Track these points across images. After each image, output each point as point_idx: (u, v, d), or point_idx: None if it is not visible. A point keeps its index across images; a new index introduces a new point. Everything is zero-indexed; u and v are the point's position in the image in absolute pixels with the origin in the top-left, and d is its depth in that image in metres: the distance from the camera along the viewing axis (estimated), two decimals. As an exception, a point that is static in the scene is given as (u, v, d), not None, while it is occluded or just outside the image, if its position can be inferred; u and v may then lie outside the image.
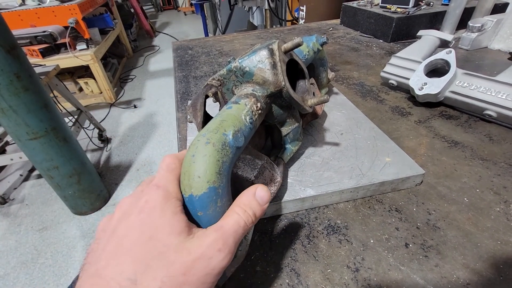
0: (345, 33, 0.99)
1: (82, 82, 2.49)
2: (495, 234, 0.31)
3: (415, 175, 0.35)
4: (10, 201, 1.60)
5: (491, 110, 0.45)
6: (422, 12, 0.84)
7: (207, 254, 0.18)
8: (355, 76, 0.67)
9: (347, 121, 0.46)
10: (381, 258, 0.29)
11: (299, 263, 0.29)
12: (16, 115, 1.03)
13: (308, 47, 0.41)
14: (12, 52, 0.96)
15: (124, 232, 0.18)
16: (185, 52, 0.90)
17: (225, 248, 0.18)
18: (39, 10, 2.08)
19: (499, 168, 0.39)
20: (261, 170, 0.30)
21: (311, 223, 0.33)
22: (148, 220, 0.18)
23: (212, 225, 0.20)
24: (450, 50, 0.50)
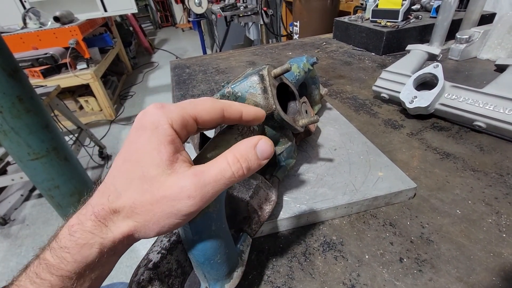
0: (338, 47, 1.02)
1: (82, 100, 2.53)
2: (488, 246, 0.31)
3: (407, 189, 0.36)
4: (10, 222, 1.59)
5: (480, 121, 0.46)
6: (411, 25, 0.87)
7: (175, 196, 0.18)
8: (348, 90, 0.69)
9: (341, 136, 0.47)
10: (376, 273, 0.30)
11: (296, 281, 0.30)
12: (18, 136, 1.05)
13: (298, 68, 0.43)
14: (14, 75, 0.99)
15: (125, 150, 0.19)
16: (183, 71, 0.92)
17: (196, 196, 0.18)
18: (40, 32, 2.14)
19: (490, 179, 0.39)
20: (256, 190, 0.31)
21: (307, 240, 0.34)
22: (137, 143, 0.19)
23: (196, 166, 0.19)
24: (437, 64, 0.52)
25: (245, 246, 0.29)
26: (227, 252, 0.24)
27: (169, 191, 0.18)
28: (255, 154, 0.20)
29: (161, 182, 0.18)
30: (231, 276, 0.26)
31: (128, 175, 0.18)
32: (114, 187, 0.18)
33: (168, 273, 0.24)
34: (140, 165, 0.18)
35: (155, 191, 0.18)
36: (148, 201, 0.18)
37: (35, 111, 1.07)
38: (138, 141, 0.19)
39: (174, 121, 0.19)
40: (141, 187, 0.18)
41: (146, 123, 0.19)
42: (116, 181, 0.19)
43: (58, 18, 2.16)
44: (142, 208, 0.18)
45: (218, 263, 0.24)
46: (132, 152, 0.19)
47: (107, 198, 0.18)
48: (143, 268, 0.24)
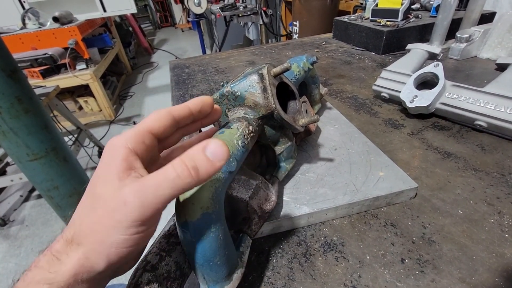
0: (337, 46, 1.01)
1: (82, 100, 2.53)
2: (490, 246, 0.31)
3: (408, 188, 0.36)
4: (10, 223, 1.59)
5: (481, 120, 0.46)
6: (411, 24, 0.86)
7: (113, 206, 0.16)
8: (348, 89, 0.69)
9: (341, 136, 0.47)
10: (378, 274, 0.29)
11: (296, 283, 0.29)
12: (16, 137, 1.04)
13: (298, 67, 0.43)
14: (13, 76, 0.98)
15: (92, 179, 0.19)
16: (182, 71, 0.92)
17: (133, 201, 0.16)
18: (39, 33, 2.13)
19: (492, 179, 0.39)
20: (255, 190, 0.31)
21: (307, 241, 0.34)
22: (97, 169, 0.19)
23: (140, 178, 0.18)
24: (437, 63, 0.51)
25: (245, 247, 0.29)
26: (227, 253, 0.24)
27: (109, 202, 0.17)
28: (203, 155, 0.18)
29: (105, 197, 0.17)
30: (230, 277, 0.25)
31: (83, 200, 0.18)
32: (73, 217, 0.18)
33: (167, 275, 0.24)
34: (92, 186, 0.18)
35: (98, 207, 0.17)
36: (92, 219, 0.17)
37: (34, 112, 1.06)
38: (98, 167, 0.19)
39: (128, 140, 0.19)
40: (89, 207, 0.18)
41: (105, 151, 0.19)
42: (76, 210, 0.18)
43: (57, 19, 2.15)
44: (87, 229, 0.17)
45: (218, 265, 0.23)
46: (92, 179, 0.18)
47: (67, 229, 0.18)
48: (141, 270, 0.23)
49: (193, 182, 0.17)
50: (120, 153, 0.18)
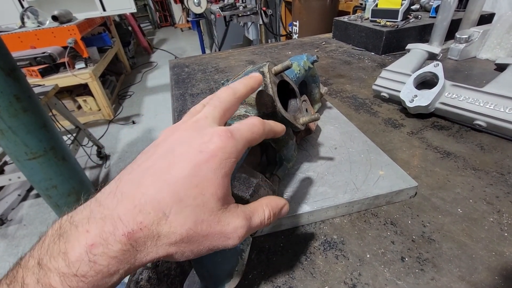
0: (337, 46, 1.02)
1: (80, 100, 2.52)
2: (490, 244, 0.31)
3: (408, 187, 0.36)
4: (7, 222, 1.58)
5: (481, 120, 0.46)
6: (411, 25, 0.87)
7: (229, 234, 0.18)
8: (348, 89, 0.69)
9: (341, 135, 0.47)
10: (378, 273, 0.29)
11: (296, 281, 0.29)
12: (15, 136, 1.04)
13: (299, 66, 0.43)
14: (11, 74, 0.98)
15: (178, 158, 0.18)
16: (182, 70, 0.92)
17: (242, 237, 0.19)
18: (38, 31, 2.13)
19: (491, 178, 0.39)
20: (256, 188, 0.31)
21: (307, 239, 0.34)
22: (203, 166, 0.17)
23: (242, 207, 0.20)
24: (437, 63, 0.51)
25: (245, 245, 0.29)
26: (227, 252, 0.24)
27: (225, 228, 0.18)
28: (280, 213, 0.23)
29: (218, 217, 0.18)
30: (231, 275, 0.25)
31: (182, 196, 0.17)
32: (158, 204, 0.16)
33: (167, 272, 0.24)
34: (201, 193, 0.17)
35: (213, 225, 0.18)
36: (202, 232, 0.17)
37: (33, 111, 1.06)
38: (204, 165, 0.17)
39: (239, 153, 0.19)
40: (197, 216, 0.17)
41: (217, 150, 0.18)
42: (162, 197, 0.16)
43: (56, 17, 2.15)
44: (193, 239, 0.17)
45: (218, 262, 0.23)
46: (190, 169, 0.17)
47: (149, 218, 0.16)
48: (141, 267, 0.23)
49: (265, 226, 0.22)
50: (231, 167, 0.19)
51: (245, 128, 0.20)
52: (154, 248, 0.16)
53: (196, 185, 0.17)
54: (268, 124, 0.22)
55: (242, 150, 0.19)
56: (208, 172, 0.17)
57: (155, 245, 0.16)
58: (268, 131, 0.22)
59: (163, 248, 0.16)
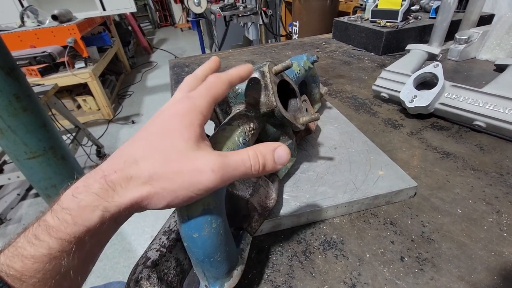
0: (337, 47, 1.02)
1: (80, 99, 2.52)
2: (489, 245, 0.31)
3: (408, 187, 0.36)
4: (7, 221, 1.58)
5: (480, 120, 0.46)
6: (410, 25, 0.87)
7: (200, 167, 0.19)
8: (348, 89, 0.69)
9: (341, 135, 0.47)
10: (377, 272, 0.29)
11: (296, 280, 0.29)
12: (14, 135, 1.04)
13: (299, 66, 0.43)
14: (11, 74, 0.98)
15: (150, 126, 0.21)
16: (182, 70, 0.92)
17: (218, 172, 0.19)
18: (38, 31, 2.12)
19: (490, 178, 0.39)
20: (256, 188, 0.31)
21: (307, 239, 0.34)
22: (168, 123, 0.20)
23: (218, 151, 0.21)
24: (437, 63, 0.51)
25: (245, 244, 0.29)
26: (227, 250, 0.24)
27: (195, 162, 0.19)
28: (272, 156, 0.21)
29: (188, 155, 0.19)
30: (230, 274, 0.25)
31: (152, 145, 0.19)
32: (131, 155, 0.19)
33: (167, 271, 0.24)
34: (168, 138, 0.20)
35: (182, 161, 0.19)
36: (171, 170, 0.19)
37: (32, 110, 1.06)
38: (169, 120, 0.21)
39: (201, 108, 0.21)
40: (166, 157, 0.19)
41: (179, 109, 0.21)
42: (135, 150, 0.20)
43: (56, 17, 2.14)
44: (163, 176, 0.19)
45: (218, 261, 0.23)
46: (160, 128, 0.20)
47: (122, 164, 0.19)
48: (141, 266, 0.23)
49: (256, 175, 0.21)
50: (198, 117, 0.21)
51: (201, 87, 0.23)
52: (128, 187, 0.18)
53: (165, 134, 0.20)
54: (225, 74, 0.24)
55: (206, 104, 0.21)
56: (174, 123, 0.20)
57: (128, 185, 0.18)
58: (229, 80, 0.24)
59: (136, 188, 0.18)
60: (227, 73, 0.24)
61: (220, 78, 0.23)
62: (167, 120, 0.21)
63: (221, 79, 0.23)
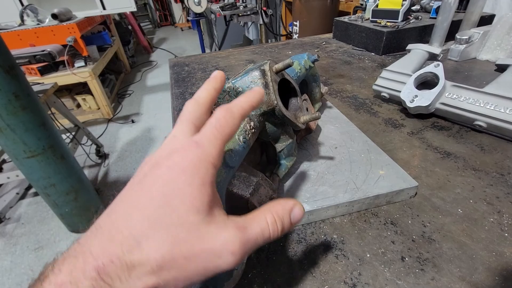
0: (337, 46, 1.02)
1: (80, 98, 2.51)
2: (490, 245, 0.31)
3: (408, 187, 0.36)
4: (6, 220, 1.58)
5: (481, 120, 0.46)
6: (411, 25, 0.87)
7: (218, 251, 0.16)
8: (348, 89, 0.69)
9: (341, 135, 0.47)
10: (378, 272, 0.29)
11: (296, 280, 0.29)
12: (14, 133, 1.03)
13: (300, 65, 0.42)
14: (11, 72, 0.97)
15: (149, 185, 0.16)
16: (182, 69, 0.91)
17: (239, 253, 0.16)
18: (38, 29, 2.12)
19: (491, 178, 0.39)
20: (256, 187, 0.31)
21: (307, 239, 0.33)
22: (172, 184, 0.16)
23: (235, 217, 0.17)
24: (438, 63, 0.51)
25: (245, 244, 0.29)
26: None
27: (211, 243, 0.15)
28: (289, 218, 0.19)
29: (200, 232, 0.15)
30: (230, 274, 0.25)
31: (154, 219, 0.15)
32: (129, 232, 0.15)
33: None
34: (175, 210, 0.15)
35: (194, 242, 0.15)
36: (182, 254, 0.15)
37: (32, 109, 1.05)
38: (173, 180, 0.16)
39: (213, 158, 0.17)
40: (174, 237, 0.15)
41: (185, 162, 0.16)
42: (133, 225, 0.15)
43: (56, 16, 2.14)
44: (174, 263, 0.15)
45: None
46: (161, 191, 0.16)
47: (120, 248, 0.14)
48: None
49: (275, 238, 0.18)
50: (210, 173, 0.17)
51: (210, 128, 0.18)
52: (130, 281, 0.14)
53: (169, 203, 0.15)
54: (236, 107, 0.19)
55: (217, 151, 0.17)
56: (182, 186, 0.16)
57: (130, 277, 0.14)
58: (241, 114, 0.19)
59: (140, 280, 0.14)
60: (239, 106, 0.19)
61: (232, 114, 0.19)
62: (170, 179, 0.16)
63: (234, 115, 0.19)
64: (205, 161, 0.17)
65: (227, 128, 0.18)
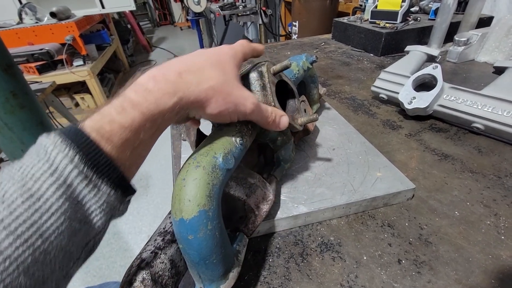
0: (336, 47, 1.02)
1: (78, 97, 2.50)
2: (486, 248, 0.31)
3: (406, 189, 0.36)
4: (3, 220, 1.57)
5: (479, 123, 0.46)
6: (410, 27, 0.87)
7: (246, 97, 0.25)
8: (346, 90, 0.69)
9: (339, 136, 0.47)
10: (374, 275, 0.29)
11: (292, 283, 0.29)
12: (11, 132, 1.03)
13: (298, 66, 0.42)
14: (8, 71, 0.97)
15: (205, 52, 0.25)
16: (180, 69, 0.91)
17: (255, 106, 0.25)
18: (36, 28, 2.11)
19: (488, 181, 0.39)
20: (253, 189, 0.31)
21: (304, 241, 0.33)
22: (222, 56, 0.25)
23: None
24: (436, 65, 0.51)
25: (241, 246, 0.29)
26: (223, 252, 0.24)
27: (243, 92, 0.25)
28: (280, 119, 0.29)
29: (237, 85, 0.25)
30: (226, 276, 0.25)
31: (212, 63, 0.24)
32: (199, 63, 0.23)
33: (162, 273, 0.24)
34: (224, 66, 0.24)
35: (234, 87, 0.24)
36: (228, 88, 0.24)
37: (30, 107, 1.05)
38: (222, 54, 0.25)
39: (239, 58, 0.27)
40: (224, 77, 0.24)
41: (227, 51, 0.26)
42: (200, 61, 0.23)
43: (54, 14, 2.13)
44: (223, 90, 0.23)
45: (214, 263, 0.23)
46: (216, 56, 0.25)
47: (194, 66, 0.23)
48: (135, 267, 0.23)
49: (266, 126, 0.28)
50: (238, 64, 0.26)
51: (238, 44, 0.28)
52: (197, 86, 0.22)
53: (220, 61, 0.24)
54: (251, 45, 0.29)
55: (242, 56, 0.27)
56: (227, 59, 0.25)
57: (199, 84, 0.22)
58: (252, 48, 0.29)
59: (203, 89, 0.22)
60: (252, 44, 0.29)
61: (249, 45, 0.29)
62: (221, 53, 0.25)
63: (250, 44, 0.29)
64: (236, 57, 0.26)
65: (247, 48, 0.28)
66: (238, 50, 0.27)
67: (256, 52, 0.30)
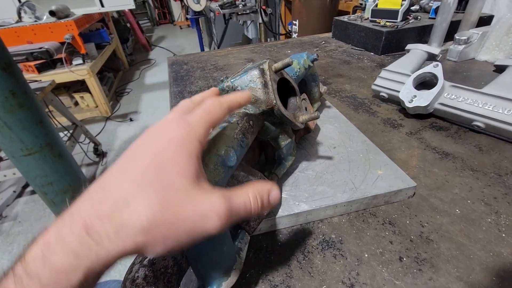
0: (337, 46, 1.01)
1: (77, 96, 2.50)
2: (487, 245, 0.31)
3: (407, 187, 0.36)
4: (2, 219, 1.57)
5: (479, 121, 0.46)
6: (410, 25, 0.87)
7: (205, 213, 0.17)
8: (347, 88, 0.69)
9: (340, 135, 0.47)
10: (376, 272, 0.29)
11: (294, 280, 0.29)
12: (10, 131, 1.02)
13: (299, 64, 0.42)
14: (7, 69, 0.97)
15: (139, 154, 0.18)
16: (180, 67, 0.91)
17: (224, 218, 0.17)
18: (35, 26, 2.10)
19: (489, 179, 0.39)
20: (254, 186, 0.30)
21: (305, 238, 0.33)
22: (162, 152, 0.17)
23: (220, 189, 0.19)
24: (437, 63, 0.51)
25: (243, 243, 0.29)
26: (225, 250, 0.24)
27: (199, 205, 0.17)
28: (268, 197, 0.20)
29: (189, 194, 0.17)
30: (228, 274, 0.25)
31: (145, 182, 0.16)
32: (120, 194, 0.16)
33: (164, 270, 0.24)
34: (164, 174, 0.16)
35: (183, 204, 0.16)
36: (172, 215, 0.16)
37: (29, 106, 1.05)
38: (163, 148, 0.17)
39: (199, 135, 0.19)
40: (164, 198, 0.16)
41: (174, 135, 0.18)
42: (124, 187, 0.16)
43: (53, 13, 2.12)
44: (163, 222, 0.16)
45: (216, 261, 0.23)
46: (152, 158, 0.17)
47: (110, 208, 0.15)
48: (138, 265, 0.23)
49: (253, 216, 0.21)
50: (196, 147, 0.18)
51: (199, 111, 0.20)
52: (119, 239, 0.15)
53: (159, 168, 0.17)
54: (225, 99, 0.22)
55: (204, 131, 0.19)
56: (170, 154, 0.17)
57: (119, 235, 0.15)
58: (228, 106, 0.22)
59: (129, 238, 0.15)
60: (227, 99, 0.22)
61: (219, 103, 0.21)
62: (161, 148, 0.17)
63: (221, 104, 0.21)
64: (193, 136, 0.18)
65: (214, 114, 0.20)
66: (195, 124, 0.19)
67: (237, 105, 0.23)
